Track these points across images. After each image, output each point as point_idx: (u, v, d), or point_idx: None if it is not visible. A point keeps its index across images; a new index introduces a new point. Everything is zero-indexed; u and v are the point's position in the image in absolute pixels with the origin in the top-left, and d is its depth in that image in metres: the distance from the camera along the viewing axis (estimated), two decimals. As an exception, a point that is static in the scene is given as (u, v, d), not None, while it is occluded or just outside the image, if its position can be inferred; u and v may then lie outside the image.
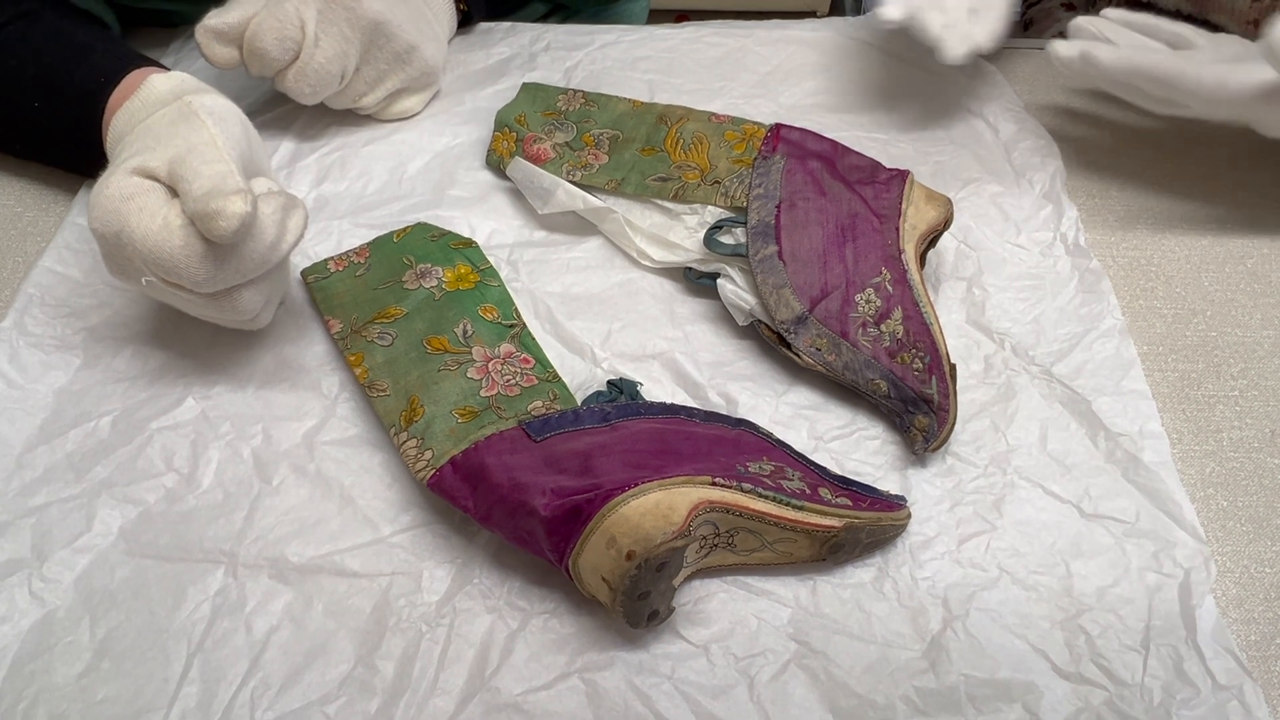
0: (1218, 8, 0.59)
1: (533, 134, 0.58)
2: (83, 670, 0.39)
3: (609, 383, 0.48)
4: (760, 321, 0.50)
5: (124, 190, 0.41)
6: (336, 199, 0.58)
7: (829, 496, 0.43)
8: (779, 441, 0.46)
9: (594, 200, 0.54)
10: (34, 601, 0.41)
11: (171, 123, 0.44)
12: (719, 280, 0.51)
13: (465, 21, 0.68)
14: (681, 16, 0.70)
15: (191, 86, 0.46)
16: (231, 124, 0.44)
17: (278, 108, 0.63)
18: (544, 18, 0.79)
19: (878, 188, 0.52)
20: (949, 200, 0.52)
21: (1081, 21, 0.57)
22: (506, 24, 0.69)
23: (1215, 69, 0.51)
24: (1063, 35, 0.86)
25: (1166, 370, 0.51)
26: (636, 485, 0.39)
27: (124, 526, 0.43)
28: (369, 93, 0.59)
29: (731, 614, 0.42)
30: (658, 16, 0.86)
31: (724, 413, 0.48)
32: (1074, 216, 0.57)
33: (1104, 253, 0.57)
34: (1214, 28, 0.57)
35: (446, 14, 0.63)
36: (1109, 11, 0.57)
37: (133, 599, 0.41)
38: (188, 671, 0.39)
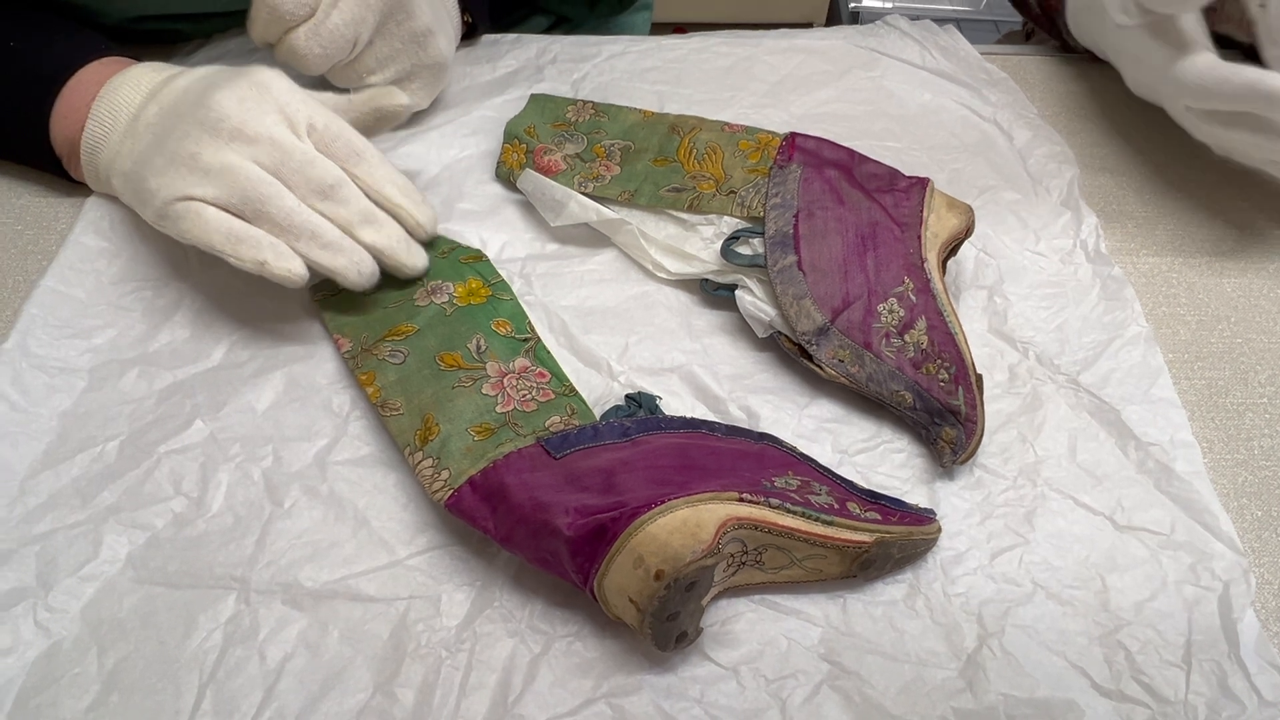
0: (1225, 18, 0.58)
1: (543, 145, 0.57)
2: (91, 703, 0.38)
3: (627, 397, 0.47)
4: (780, 333, 0.49)
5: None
6: (343, 214, 0.57)
7: (858, 511, 0.42)
8: (803, 455, 0.45)
9: (607, 212, 0.53)
10: (39, 632, 0.39)
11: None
12: (737, 292, 0.50)
13: (470, 33, 0.67)
14: (680, 30, 0.69)
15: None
16: None
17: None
18: (548, 30, 0.78)
19: (897, 195, 0.51)
20: (970, 208, 0.51)
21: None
22: (512, 36, 0.68)
23: None
24: (1064, 44, 0.85)
25: (1193, 378, 0.50)
26: (662, 503, 0.38)
27: (132, 553, 0.42)
28: (377, 70, 0.56)
29: (760, 634, 0.40)
30: (656, 30, 0.85)
31: (746, 427, 0.46)
32: (1093, 223, 0.56)
33: (1123, 259, 0.56)
34: (1220, 40, 0.56)
35: (456, 17, 0.61)
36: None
37: (142, 628, 0.40)
38: (200, 703, 0.38)
